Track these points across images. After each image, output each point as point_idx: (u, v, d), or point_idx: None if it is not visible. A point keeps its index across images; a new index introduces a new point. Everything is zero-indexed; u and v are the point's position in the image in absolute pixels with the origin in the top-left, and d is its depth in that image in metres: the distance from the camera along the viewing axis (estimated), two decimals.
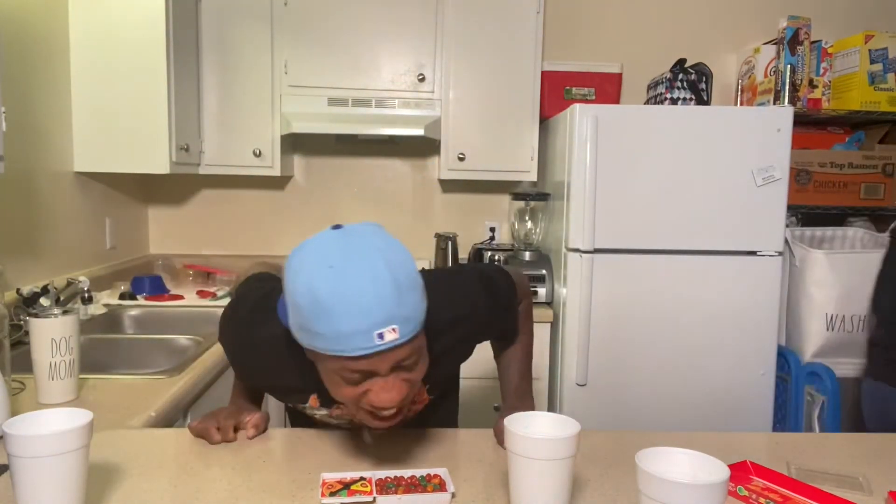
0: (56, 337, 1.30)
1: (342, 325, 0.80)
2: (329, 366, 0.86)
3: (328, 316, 0.81)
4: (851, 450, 1.15)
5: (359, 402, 0.89)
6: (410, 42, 2.67)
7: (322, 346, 0.83)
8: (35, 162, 2.09)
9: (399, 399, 0.87)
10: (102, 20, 2.26)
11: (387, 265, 0.83)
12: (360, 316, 0.80)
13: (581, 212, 2.26)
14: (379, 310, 0.81)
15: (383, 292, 0.81)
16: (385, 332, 0.81)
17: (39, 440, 0.77)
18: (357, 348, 0.82)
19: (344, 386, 0.87)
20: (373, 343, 0.81)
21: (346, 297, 0.80)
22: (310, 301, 0.81)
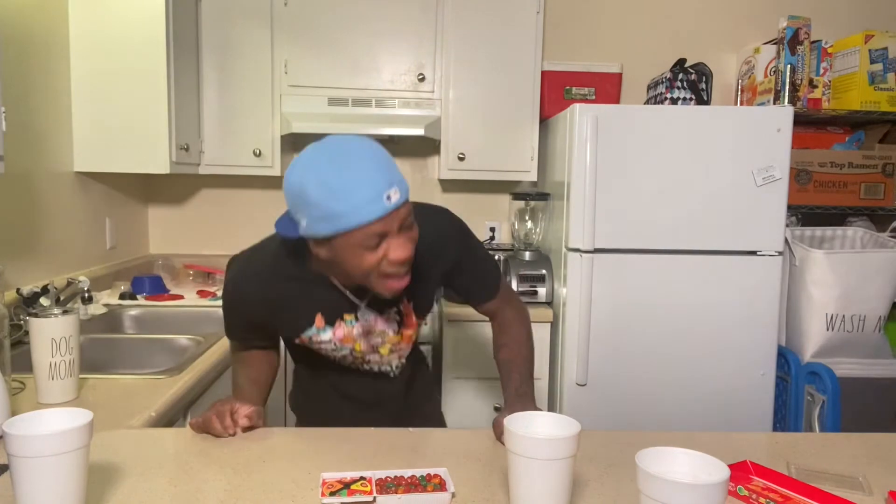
0: (56, 337, 1.30)
1: (358, 197, 0.96)
2: (351, 242, 1.00)
3: (344, 195, 0.96)
4: (851, 450, 1.15)
5: (378, 268, 1.04)
6: (410, 42, 2.67)
7: (345, 225, 0.98)
8: (35, 162, 2.09)
9: (411, 252, 1.04)
10: (102, 20, 2.26)
11: (370, 144, 1.01)
12: (370, 185, 0.97)
13: (581, 212, 2.26)
14: (380, 177, 0.98)
15: (380, 163, 0.99)
16: (391, 194, 0.98)
17: (39, 440, 0.77)
18: (374, 212, 0.97)
19: (366, 255, 1.02)
20: (384, 205, 0.98)
21: (353, 175, 0.97)
22: (324, 191, 0.97)
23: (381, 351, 1.26)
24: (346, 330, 1.21)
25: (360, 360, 1.27)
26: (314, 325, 1.20)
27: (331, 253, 1.04)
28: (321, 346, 1.22)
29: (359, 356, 1.25)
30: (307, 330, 1.20)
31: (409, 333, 1.28)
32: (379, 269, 1.04)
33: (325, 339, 1.21)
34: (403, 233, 1.04)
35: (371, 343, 1.24)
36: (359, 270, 1.04)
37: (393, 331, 1.25)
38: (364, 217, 0.97)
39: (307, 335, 1.21)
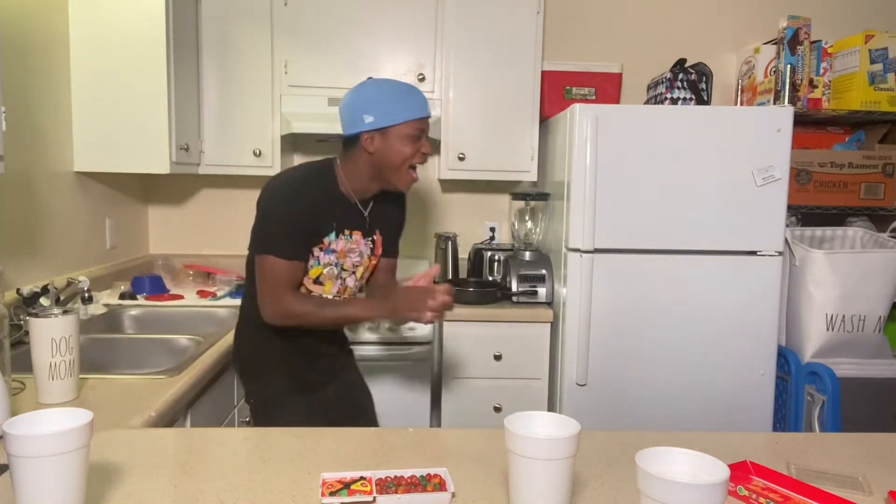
0: (56, 337, 1.30)
1: (416, 99, 1.51)
2: (405, 131, 1.49)
3: (408, 96, 1.51)
4: (851, 450, 1.15)
5: (412, 159, 1.52)
6: (410, 42, 2.67)
7: (409, 115, 1.49)
8: (35, 162, 2.09)
9: (429, 150, 1.56)
10: (102, 20, 2.26)
11: None
12: (421, 96, 1.53)
13: (581, 212, 2.26)
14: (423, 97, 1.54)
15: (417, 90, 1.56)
16: (429, 109, 1.54)
17: (39, 440, 0.77)
18: (425, 111, 1.53)
19: (409, 145, 1.50)
20: (428, 110, 1.54)
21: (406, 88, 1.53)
22: (395, 92, 1.51)
23: (356, 273, 1.64)
24: (343, 243, 1.58)
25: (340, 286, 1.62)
26: (333, 231, 1.55)
27: (382, 143, 1.49)
28: (330, 257, 1.57)
29: (341, 274, 1.61)
30: (329, 234, 1.55)
31: (374, 263, 1.70)
32: (413, 159, 1.51)
33: (334, 247, 1.57)
34: (426, 142, 1.54)
35: (354, 260, 1.62)
36: (400, 157, 1.50)
37: (367, 255, 1.65)
38: (419, 112, 1.50)
39: (328, 239, 1.55)
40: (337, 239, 1.57)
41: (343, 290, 1.65)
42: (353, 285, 1.66)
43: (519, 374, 2.50)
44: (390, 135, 1.49)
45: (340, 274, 1.61)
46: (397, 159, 1.50)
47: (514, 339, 2.48)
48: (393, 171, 1.52)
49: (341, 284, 1.63)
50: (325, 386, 1.73)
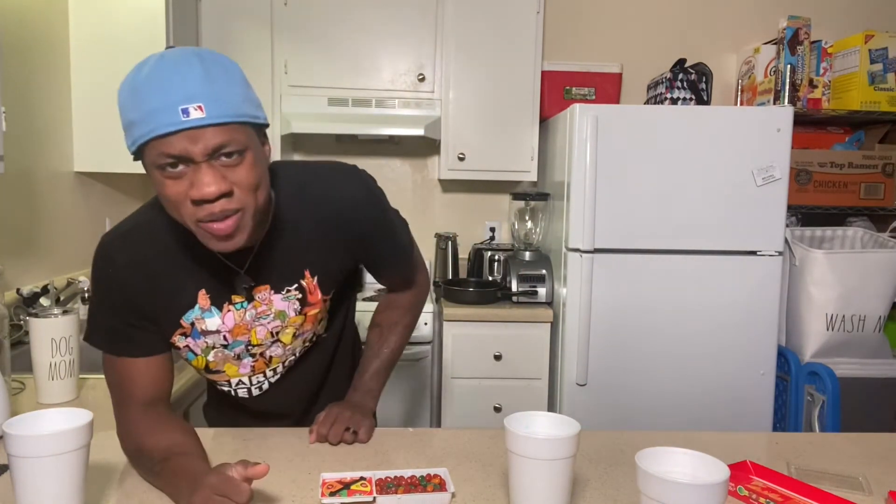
0: (56, 337, 1.30)
1: (149, 103, 0.82)
2: (147, 162, 0.86)
3: (139, 99, 0.83)
4: (851, 450, 1.15)
5: (186, 209, 0.87)
6: (410, 42, 2.67)
7: (138, 134, 0.84)
8: (35, 162, 2.09)
9: (216, 189, 0.85)
10: (102, 20, 2.26)
11: (196, 54, 0.85)
12: (164, 92, 0.82)
13: (581, 212, 2.26)
14: (181, 86, 0.82)
15: (188, 72, 0.83)
16: (189, 109, 0.82)
17: (39, 440, 0.77)
18: (163, 124, 0.82)
19: (167, 185, 0.86)
20: (178, 119, 0.81)
21: (153, 79, 0.83)
22: (126, 94, 0.85)
23: (282, 339, 1.10)
24: (236, 315, 1.04)
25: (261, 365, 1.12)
26: (197, 305, 1.02)
27: (149, 176, 0.88)
28: (207, 339, 1.05)
29: (257, 352, 1.09)
30: (188, 312, 1.02)
31: (315, 312, 1.11)
32: (190, 213, 0.87)
33: (212, 327, 1.04)
34: (215, 165, 0.85)
35: (269, 328, 1.07)
36: (169, 206, 0.89)
37: (294, 310, 1.08)
38: (153, 127, 0.82)
39: (188, 319, 1.03)
40: (218, 313, 1.04)
41: (263, 366, 1.13)
42: (282, 353, 1.12)
43: (519, 374, 2.50)
44: (145, 166, 0.88)
45: (249, 350, 1.09)
46: (170, 210, 0.90)
47: (514, 339, 2.48)
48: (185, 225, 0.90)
49: (254, 360, 1.11)
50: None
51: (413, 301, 1.30)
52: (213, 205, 0.86)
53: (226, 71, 0.87)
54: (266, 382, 1.16)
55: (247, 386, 1.15)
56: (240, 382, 1.14)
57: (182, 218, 0.89)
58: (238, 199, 0.88)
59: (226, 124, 0.84)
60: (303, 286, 1.08)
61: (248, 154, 0.88)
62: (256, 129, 0.91)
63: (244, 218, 0.90)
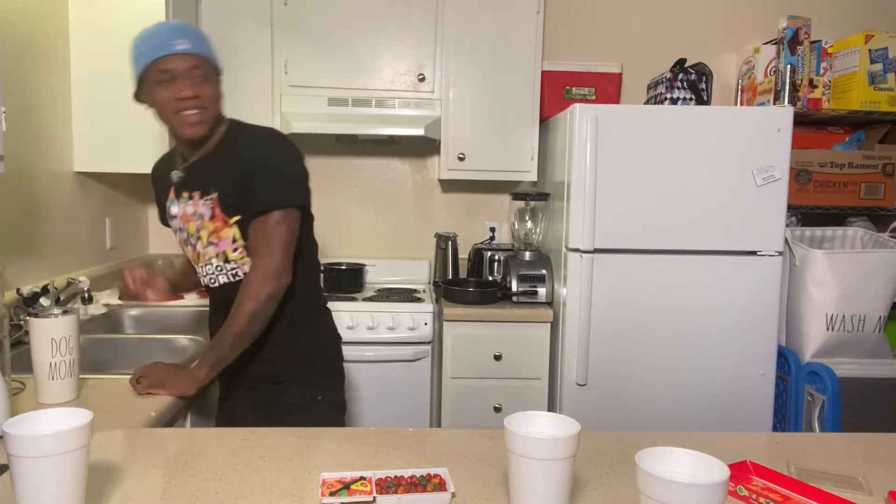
0: (56, 337, 1.30)
1: (155, 37, 1.37)
2: (150, 77, 1.37)
3: (148, 36, 1.38)
4: (851, 450, 1.15)
5: (175, 105, 1.37)
6: (410, 42, 2.67)
7: (145, 60, 1.36)
8: (35, 162, 2.09)
9: (194, 91, 1.37)
10: (102, 20, 2.26)
11: (188, 21, 1.41)
12: (164, 34, 1.38)
13: (581, 212, 2.26)
14: (176, 30, 1.39)
15: (181, 24, 1.43)
16: (178, 43, 1.36)
17: (39, 440, 0.77)
18: (162, 50, 1.35)
19: (161, 89, 1.37)
20: (170, 47, 1.35)
21: (158, 28, 1.40)
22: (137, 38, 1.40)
23: (202, 236, 1.48)
24: (181, 207, 1.50)
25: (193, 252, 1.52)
26: (169, 197, 1.52)
27: (147, 97, 1.40)
28: (173, 223, 1.54)
29: (190, 240, 1.51)
30: (168, 202, 1.53)
31: (218, 226, 1.46)
32: (174, 105, 1.37)
33: (173, 212, 1.52)
34: (192, 79, 1.37)
35: (196, 224, 1.48)
36: (160, 108, 1.38)
37: (208, 216, 1.47)
38: (156, 51, 1.35)
39: (169, 206, 1.52)
40: (175, 204, 1.52)
41: (197, 258, 1.53)
42: (203, 251, 1.50)
43: (519, 374, 2.50)
44: (146, 86, 1.39)
45: (189, 240, 1.52)
46: (161, 112, 1.40)
47: (514, 339, 2.48)
48: (170, 126, 1.43)
49: (192, 251, 1.53)
50: None
51: (248, 282, 1.43)
52: (189, 101, 1.38)
53: (205, 34, 1.45)
54: (201, 277, 1.54)
55: (200, 274, 1.55)
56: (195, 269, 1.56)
57: (167, 115, 1.39)
58: (202, 102, 1.40)
59: (198, 55, 1.39)
60: (214, 199, 1.46)
61: (210, 79, 1.41)
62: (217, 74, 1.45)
63: (205, 115, 1.41)
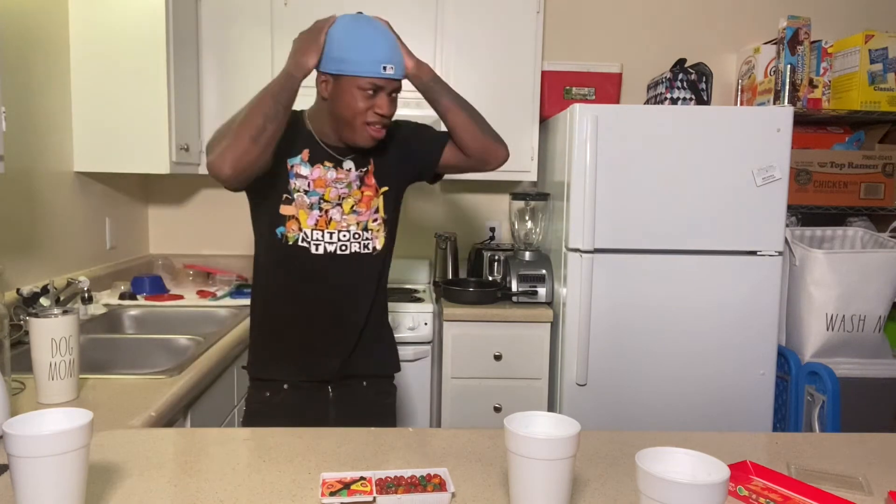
0: (56, 337, 1.30)
1: (368, 55, 1.33)
2: (357, 83, 1.35)
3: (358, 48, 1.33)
4: (851, 450, 1.15)
5: (366, 115, 1.37)
6: (410, 42, 2.65)
7: (348, 70, 1.34)
8: (35, 162, 2.09)
9: (392, 111, 1.41)
10: (102, 20, 2.26)
11: (386, 26, 1.40)
12: (379, 51, 1.34)
13: (581, 212, 2.26)
14: (388, 51, 1.36)
15: (391, 42, 1.38)
16: (388, 67, 1.35)
17: (39, 440, 0.77)
18: (373, 72, 1.34)
19: (359, 100, 1.36)
20: (380, 72, 1.35)
21: (371, 37, 1.35)
22: (346, 39, 1.34)
23: (343, 206, 1.47)
24: (321, 172, 1.45)
25: (324, 218, 1.45)
26: (300, 156, 1.45)
27: (333, 90, 1.38)
28: (296, 182, 1.44)
29: (325, 208, 1.45)
30: (293, 157, 1.44)
31: (369, 195, 1.49)
32: (366, 116, 1.37)
33: (304, 173, 1.45)
34: (391, 99, 1.40)
35: (339, 192, 1.46)
36: (350, 111, 1.36)
37: (356, 185, 1.48)
38: (364, 71, 1.33)
39: (292, 162, 1.44)
40: (310, 167, 1.45)
41: (325, 223, 1.46)
42: (340, 219, 1.47)
43: (519, 374, 2.50)
44: (340, 84, 1.36)
45: (320, 204, 1.45)
46: (348, 113, 1.37)
47: (514, 339, 2.48)
48: (346, 125, 1.39)
49: (320, 216, 1.46)
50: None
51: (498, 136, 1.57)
52: (384, 118, 1.39)
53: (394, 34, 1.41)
54: (323, 245, 1.46)
55: (309, 239, 1.46)
56: (304, 236, 1.45)
57: (352, 119, 1.37)
58: (390, 121, 1.43)
59: (401, 79, 1.40)
60: (367, 169, 1.49)
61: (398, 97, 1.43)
62: None
63: (386, 130, 1.43)
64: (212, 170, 1.32)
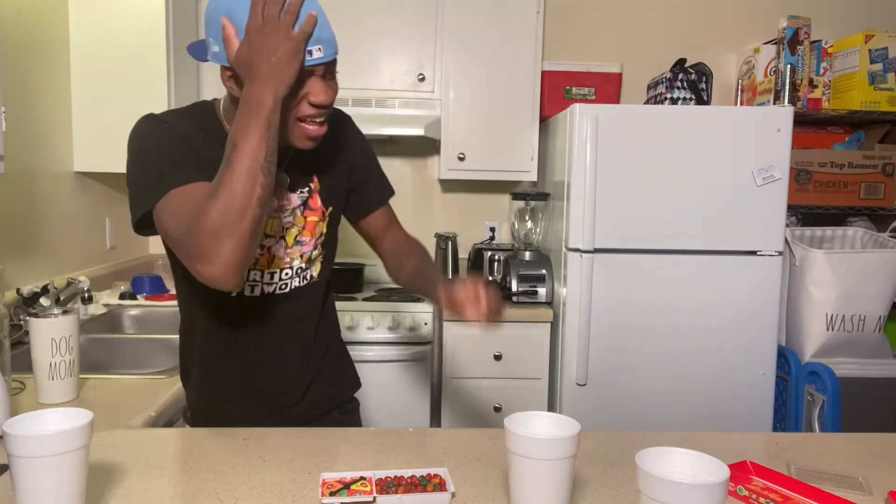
0: (56, 337, 1.30)
1: None
2: None
3: None
4: (851, 450, 1.15)
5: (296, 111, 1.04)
6: (410, 42, 2.67)
7: None
8: (35, 162, 2.09)
9: (331, 98, 1.06)
10: (102, 20, 2.26)
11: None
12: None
13: (581, 212, 2.26)
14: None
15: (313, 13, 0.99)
16: (314, 50, 1.00)
17: (39, 440, 0.77)
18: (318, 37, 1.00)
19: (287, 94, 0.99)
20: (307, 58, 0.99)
21: None
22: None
23: (287, 238, 1.19)
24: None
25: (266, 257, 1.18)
26: None
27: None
28: None
29: (266, 245, 1.17)
30: None
31: (314, 220, 1.22)
32: (297, 111, 1.04)
33: None
34: (326, 81, 1.05)
35: (283, 222, 1.18)
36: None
37: (300, 210, 1.20)
38: None
39: None
40: None
41: (267, 262, 1.19)
42: (283, 254, 1.20)
43: (519, 374, 2.50)
44: None
45: (263, 241, 1.17)
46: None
47: (514, 339, 2.48)
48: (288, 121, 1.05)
49: (261, 254, 1.17)
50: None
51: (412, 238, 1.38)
52: (321, 109, 1.06)
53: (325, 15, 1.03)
54: (261, 286, 1.20)
55: (248, 282, 1.19)
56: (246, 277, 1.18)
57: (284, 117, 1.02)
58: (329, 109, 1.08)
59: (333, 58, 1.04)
60: (311, 188, 1.22)
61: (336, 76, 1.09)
62: None
63: (325, 126, 1.09)
64: (213, 283, 0.97)
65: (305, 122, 1.06)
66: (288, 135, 1.06)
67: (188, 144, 1.08)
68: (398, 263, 1.34)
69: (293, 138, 1.07)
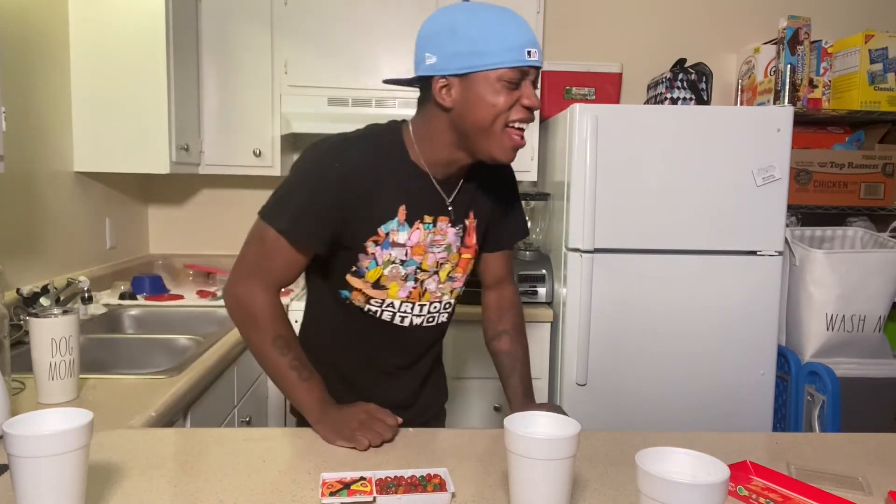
0: (56, 337, 1.30)
1: (508, 41, 1.06)
2: (492, 78, 1.07)
3: (496, 35, 1.06)
4: (851, 450, 1.15)
5: (507, 115, 1.09)
6: (410, 42, 2.66)
7: (490, 62, 1.06)
8: (35, 162, 2.09)
9: (539, 104, 1.18)
10: (102, 20, 2.26)
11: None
12: (519, 35, 1.07)
13: (581, 212, 2.26)
14: (528, 33, 1.09)
15: (527, 25, 1.10)
16: (532, 51, 1.08)
17: (39, 440, 0.77)
18: (517, 59, 1.07)
19: (501, 95, 1.08)
20: (525, 58, 1.07)
21: (508, 22, 1.08)
22: (480, 28, 1.07)
23: (440, 274, 1.24)
24: (421, 235, 1.19)
25: (418, 290, 1.23)
26: (395, 219, 1.17)
27: (461, 93, 1.09)
28: (392, 252, 1.18)
29: (421, 278, 1.22)
30: (388, 223, 1.16)
31: (468, 258, 1.28)
32: (509, 115, 1.09)
33: (401, 239, 1.17)
34: (534, 86, 1.12)
35: (437, 257, 1.22)
36: (490, 111, 1.08)
37: (456, 247, 1.25)
38: (508, 59, 1.06)
39: (386, 229, 1.16)
40: (406, 229, 1.17)
41: (418, 295, 1.24)
42: (435, 289, 1.25)
43: None
44: (471, 83, 1.07)
45: (416, 274, 1.21)
46: (487, 115, 1.08)
47: None
48: (481, 133, 1.10)
49: (415, 287, 1.23)
50: None
51: (518, 300, 1.47)
52: (531, 112, 1.11)
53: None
54: (410, 318, 1.26)
55: (394, 311, 1.24)
56: (391, 304, 1.23)
57: (491, 124, 1.09)
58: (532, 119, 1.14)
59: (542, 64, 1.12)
60: (466, 226, 1.26)
61: None
62: None
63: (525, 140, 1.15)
64: (223, 294, 1.25)
65: (513, 131, 1.11)
66: (492, 145, 1.11)
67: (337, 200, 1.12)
68: (493, 326, 1.48)
69: (496, 148, 1.11)
